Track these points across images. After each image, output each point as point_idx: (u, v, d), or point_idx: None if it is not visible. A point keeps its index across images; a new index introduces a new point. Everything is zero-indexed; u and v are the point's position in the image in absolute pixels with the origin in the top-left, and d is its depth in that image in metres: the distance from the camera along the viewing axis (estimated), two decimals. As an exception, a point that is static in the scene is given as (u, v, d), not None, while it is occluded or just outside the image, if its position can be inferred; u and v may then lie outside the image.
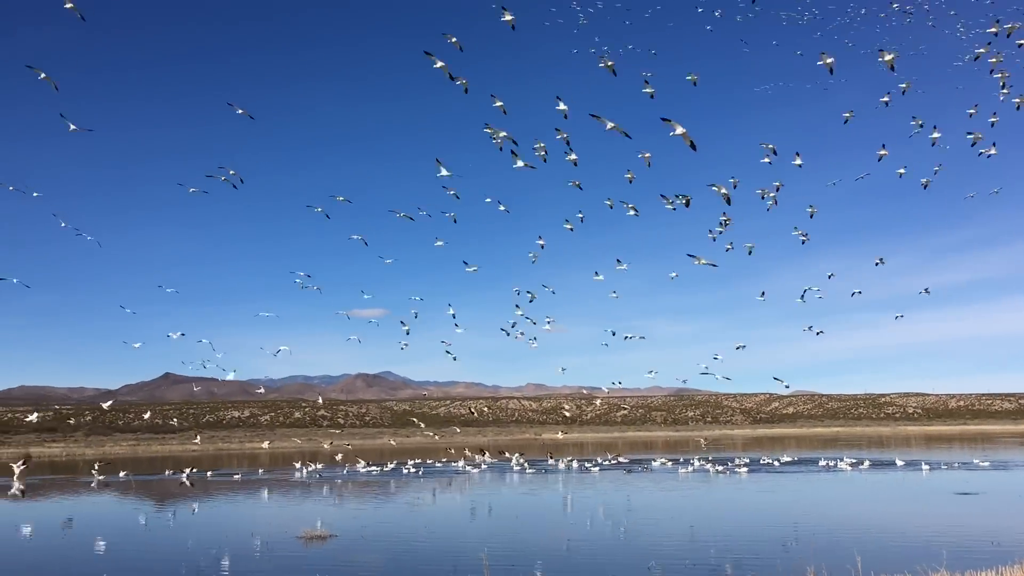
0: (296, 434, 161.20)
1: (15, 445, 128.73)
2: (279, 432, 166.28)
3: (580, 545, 24.48)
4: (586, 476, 53.14)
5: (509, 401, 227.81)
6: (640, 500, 37.82)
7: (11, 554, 25.70)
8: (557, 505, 37.00)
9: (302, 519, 30.68)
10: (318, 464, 63.66)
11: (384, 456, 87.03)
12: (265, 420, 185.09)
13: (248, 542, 25.90)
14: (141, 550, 25.37)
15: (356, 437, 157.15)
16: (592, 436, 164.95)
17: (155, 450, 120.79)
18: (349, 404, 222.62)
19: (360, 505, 38.29)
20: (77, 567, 22.72)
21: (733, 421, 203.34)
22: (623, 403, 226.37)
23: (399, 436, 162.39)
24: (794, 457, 67.60)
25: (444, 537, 26.75)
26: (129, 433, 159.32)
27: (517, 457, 66.43)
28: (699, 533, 26.39)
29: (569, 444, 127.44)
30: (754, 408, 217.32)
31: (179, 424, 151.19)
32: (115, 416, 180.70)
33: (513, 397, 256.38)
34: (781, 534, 25.80)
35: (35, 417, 75.06)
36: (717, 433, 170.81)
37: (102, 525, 32.77)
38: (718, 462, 59.95)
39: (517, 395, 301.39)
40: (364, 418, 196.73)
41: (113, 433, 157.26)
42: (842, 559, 19.19)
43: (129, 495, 46.48)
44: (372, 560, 22.03)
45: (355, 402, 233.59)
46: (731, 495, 39.65)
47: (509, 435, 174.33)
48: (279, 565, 21.71)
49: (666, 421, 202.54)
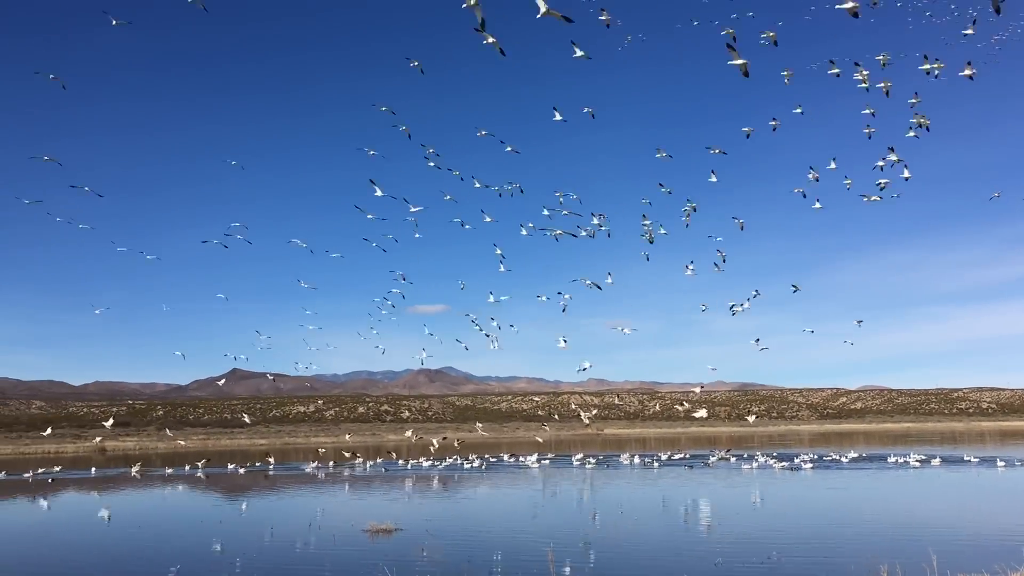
0: (360, 429, 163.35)
1: (92, 439, 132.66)
2: (343, 427, 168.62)
3: (644, 540, 24.26)
4: (649, 471, 52.74)
5: (571, 396, 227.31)
6: (703, 496, 37.40)
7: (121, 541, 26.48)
8: (619, 499, 36.74)
9: (367, 512, 31.00)
10: (378, 459, 64.42)
11: (446, 450, 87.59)
12: (330, 415, 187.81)
13: (315, 535, 26.28)
14: (212, 541, 25.90)
15: (419, 432, 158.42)
16: (655, 432, 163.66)
17: (224, 444, 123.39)
18: (412, 399, 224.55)
19: (424, 499, 38.55)
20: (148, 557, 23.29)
21: (799, 416, 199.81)
22: (687, 398, 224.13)
23: (461, 431, 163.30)
24: (862, 453, 66.15)
25: (508, 531, 26.78)
26: (199, 427, 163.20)
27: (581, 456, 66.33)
28: (766, 530, 25.96)
29: (632, 440, 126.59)
30: (820, 403, 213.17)
31: (247, 419, 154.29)
32: (185, 411, 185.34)
33: (575, 392, 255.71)
34: (851, 532, 25.24)
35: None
36: (782, 429, 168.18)
37: (175, 517, 33.65)
38: (783, 458, 58.99)
39: (579, 390, 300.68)
40: (426, 413, 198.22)
41: (184, 427, 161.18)
42: (916, 558, 18.67)
43: (207, 487, 47.57)
44: (437, 553, 22.14)
45: (417, 397, 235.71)
46: (798, 492, 38.96)
47: (571, 430, 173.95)
48: (347, 558, 21.96)
49: (730, 416, 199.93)
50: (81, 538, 27.81)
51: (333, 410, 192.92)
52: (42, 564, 22.90)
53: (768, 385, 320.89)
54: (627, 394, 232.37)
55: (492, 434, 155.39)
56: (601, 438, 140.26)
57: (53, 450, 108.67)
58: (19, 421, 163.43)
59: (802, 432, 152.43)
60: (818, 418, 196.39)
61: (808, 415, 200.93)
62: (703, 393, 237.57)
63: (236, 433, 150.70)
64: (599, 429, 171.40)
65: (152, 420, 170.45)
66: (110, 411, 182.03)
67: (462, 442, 76.15)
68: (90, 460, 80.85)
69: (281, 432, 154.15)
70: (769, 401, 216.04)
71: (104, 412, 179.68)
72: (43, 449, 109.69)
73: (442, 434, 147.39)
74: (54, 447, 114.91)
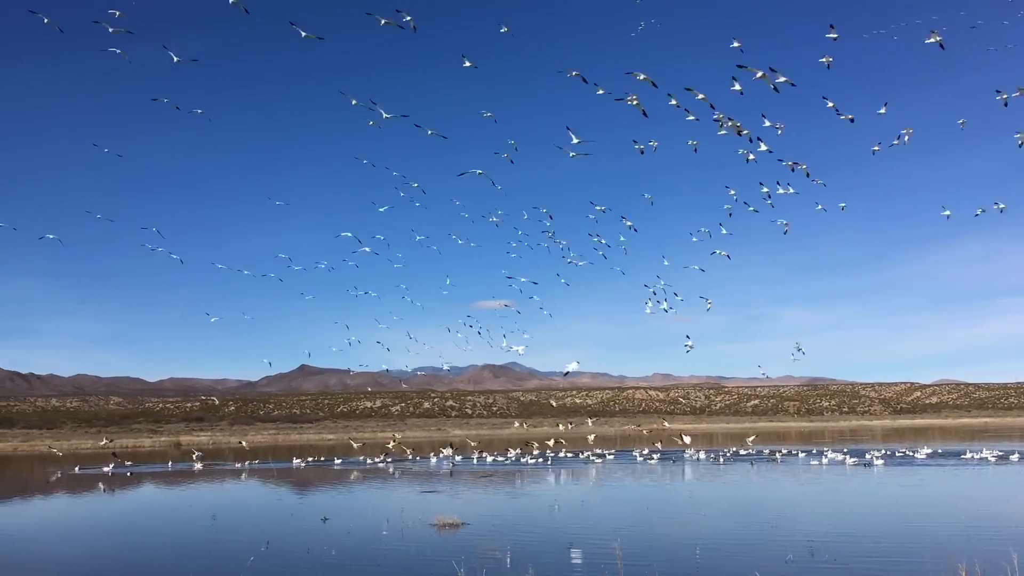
0: (426, 424, 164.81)
1: (167, 434, 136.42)
2: (409, 422, 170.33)
3: (713, 536, 23.91)
4: (714, 467, 52.05)
5: (635, 391, 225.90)
6: (772, 492, 36.75)
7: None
8: (686, 496, 36.32)
9: (435, 507, 31.18)
10: (445, 452, 64.76)
11: (512, 445, 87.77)
12: (396, 410, 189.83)
13: (383, 529, 26.49)
14: (284, 534, 26.32)
15: (484, 427, 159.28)
16: (721, 427, 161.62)
17: (293, 439, 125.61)
18: (476, 394, 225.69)
19: (490, 494, 38.64)
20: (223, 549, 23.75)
21: (871, 411, 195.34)
22: (755, 392, 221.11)
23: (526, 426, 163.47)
24: (937, 449, 64.27)
25: (575, 527, 26.66)
26: (269, 423, 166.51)
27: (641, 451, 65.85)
28: (837, 527, 25.40)
29: (698, 435, 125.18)
30: (894, 398, 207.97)
31: (314, 414, 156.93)
32: (256, 406, 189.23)
33: (639, 387, 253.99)
34: (926, 529, 24.56)
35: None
36: (854, 424, 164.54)
37: (247, 511, 34.38)
38: (853, 454, 57.66)
39: (644, 385, 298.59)
40: (491, 408, 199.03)
41: (255, 423, 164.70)
42: (996, 556, 18.05)
43: (277, 481, 48.46)
44: (505, 548, 22.15)
45: (482, 392, 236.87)
46: (869, 488, 38.05)
47: (636, 425, 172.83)
48: (415, 552, 22.13)
49: (799, 411, 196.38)
50: (159, 528, 28.53)
51: (399, 406, 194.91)
52: (124, 553, 23.54)
53: (839, 379, 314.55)
54: (693, 389, 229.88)
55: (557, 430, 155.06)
56: (667, 433, 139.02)
57: (131, 444, 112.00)
58: (98, 416, 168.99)
59: (875, 428, 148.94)
60: (891, 413, 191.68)
61: (881, 410, 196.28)
62: (771, 388, 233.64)
63: (305, 428, 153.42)
64: (663, 424, 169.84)
65: (224, 416, 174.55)
66: (184, 407, 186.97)
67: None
68: (165, 454, 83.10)
69: (348, 427, 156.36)
70: (840, 396, 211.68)
71: (178, 408, 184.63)
72: (121, 444, 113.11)
73: (508, 428, 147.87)
74: (131, 441, 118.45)
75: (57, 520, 33.60)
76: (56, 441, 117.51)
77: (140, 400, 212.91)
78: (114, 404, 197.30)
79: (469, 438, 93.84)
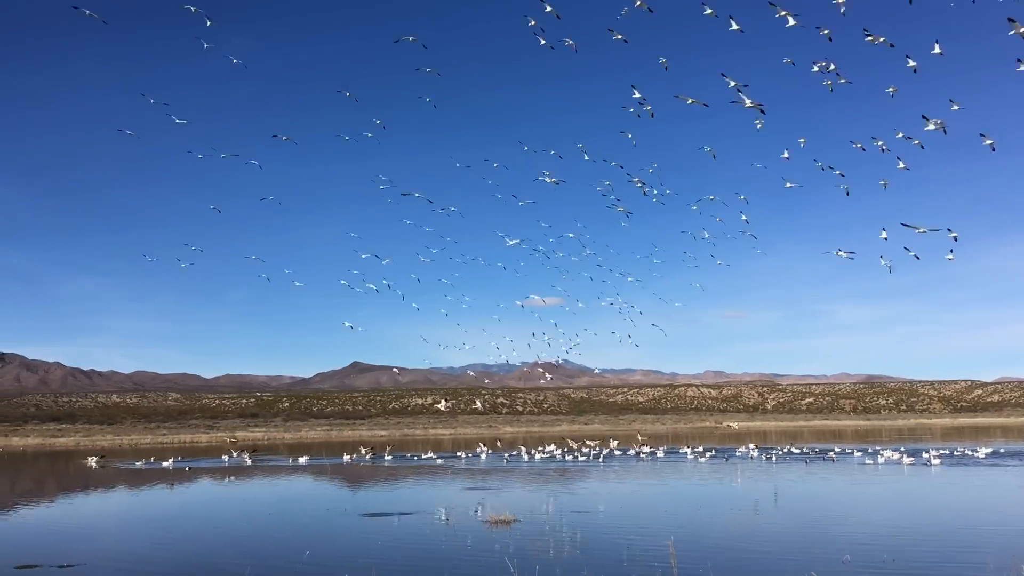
0: (477, 421, 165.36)
1: (223, 429, 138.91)
2: (460, 419, 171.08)
3: (766, 535, 23.63)
4: (767, 465, 51.39)
5: (687, 388, 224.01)
6: (827, 491, 36.17)
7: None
8: (740, 494, 35.90)
9: (486, 503, 31.30)
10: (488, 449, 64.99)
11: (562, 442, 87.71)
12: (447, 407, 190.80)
13: (435, 525, 26.65)
14: (338, 529, 26.62)
15: (535, 424, 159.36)
16: (775, 425, 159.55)
17: (346, 435, 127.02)
18: (527, 391, 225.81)
19: (540, 491, 38.63)
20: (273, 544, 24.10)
21: (930, 410, 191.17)
22: (809, 390, 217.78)
23: (576, 423, 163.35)
24: (998, 448, 62.66)
25: (627, 524, 26.52)
26: (323, 419, 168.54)
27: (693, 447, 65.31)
28: (894, 526, 24.91)
29: (751, 433, 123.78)
30: (954, 396, 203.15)
31: (366, 411, 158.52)
32: (309, 403, 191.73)
33: (692, 384, 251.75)
34: (987, 529, 24.00)
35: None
36: (912, 423, 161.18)
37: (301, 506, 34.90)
38: (910, 453, 56.51)
39: (696, 382, 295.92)
40: (542, 405, 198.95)
41: (308, 419, 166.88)
42: (1061, 559, 17.48)
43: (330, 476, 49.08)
44: (557, 545, 22.13)
45: (533, 389, 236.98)
46: (928, 487, 37.23)
47: (688, 423, 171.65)
48: (468, 548, 22.21)
49: (855, 410, 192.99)
50: (216, 522, 29.02)
51: (450, 402, 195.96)
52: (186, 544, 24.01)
53: (896, 377, 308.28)
54: (746, 387, 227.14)
55: (608, 427, 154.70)
56: (720, 431, 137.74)
57: (188, 440, 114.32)
58: (157, 412, 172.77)
59: (934, 426, 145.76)
60: (951, 411, 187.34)
61: (940, 408, 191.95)
62: (826, 386, 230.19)
63: (357, 424, 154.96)
64: (717, 422, 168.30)
65: (279, 412, 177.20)
66: (239, 403, 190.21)
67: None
68: (221, 449, 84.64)
69: (400, 424, 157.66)
70: (898, 394, 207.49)
71: (234, 404, 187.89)
72: (179, 439, 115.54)
73: (559, 426, 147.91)
74: (189, 437, 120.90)
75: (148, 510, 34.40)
76: (116, 436, 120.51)
77: (197, 396, 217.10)
78: (172, 400, 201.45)
79: (519, 435, 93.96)
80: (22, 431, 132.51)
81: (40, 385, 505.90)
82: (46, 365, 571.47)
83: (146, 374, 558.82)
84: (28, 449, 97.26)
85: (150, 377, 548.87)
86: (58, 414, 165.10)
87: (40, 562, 20.97)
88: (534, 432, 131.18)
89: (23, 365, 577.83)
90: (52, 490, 45.76)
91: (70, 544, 24.50)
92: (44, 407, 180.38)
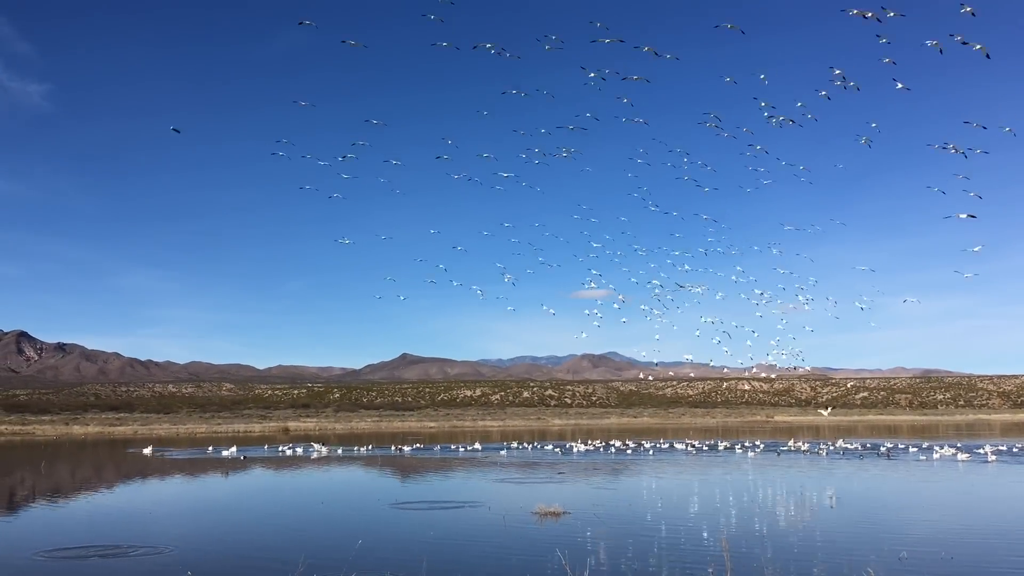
0: (525, 413, 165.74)
1: (276, 419, 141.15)
2: (508, 411, 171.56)
3: (821, 532, 23.29)
4: (818, 459, 50.75)
5: (739, 382, 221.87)
6: (881, 487, 35.60)
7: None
8: (791, 489, 35.52)
9: (535, 495, 31.40)
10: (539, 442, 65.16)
11: (610, 435, 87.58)
12: (495, 399, 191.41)
13: (484, 517, 26.80)
14: (391, 520, 26.96)
15: (584, 417, 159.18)
16: (827, 419, 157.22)
17: (396, 426, 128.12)
18: (576, 384, 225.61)
19: (591, 484, 38.63)
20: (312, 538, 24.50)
21: (989, 405, 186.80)
22: (863, 384, 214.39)
23: (626, 416, 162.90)
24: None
25: (678, 517, 26.35)
26: (372, 410, 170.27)
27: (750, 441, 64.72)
28: (951, 523, 24.44)
29: (804, 427, 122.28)
30: (1014, 391, 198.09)
31: (415, 402, 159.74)
32: (359, 394, 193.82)
33: (743, 378, 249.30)
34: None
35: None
36: (970, 418, 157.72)
37: (353, 497, 35.39)
38: (966, 449, 55.37)
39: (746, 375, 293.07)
40: (590, 398, 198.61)
41: (359, 410, 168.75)
42: None
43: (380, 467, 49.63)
44: (607, 538, 22.08)
45: (581, 382, 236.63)
46: (986, 485, 36.37)
47: (739, 417, 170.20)
48: (517, 540, 22.25)
49: (911, 404, 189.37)
50: (273, 511, 29.58)
51: (499, 394, 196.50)
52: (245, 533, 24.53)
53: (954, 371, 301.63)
54: (799, 380, 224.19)
55: (658, 420, 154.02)
56: (771, 425, 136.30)
57: (242, 429, 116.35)
58: (212, 402, 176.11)
59: (993, 422, 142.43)
60: (1011, 407, 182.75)
61: (1000, 403, 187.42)
62: (881, 380, 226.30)
63: (407, 416, 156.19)
64: (768, 416, 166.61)
65: (330, 403, 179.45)
66: (291, 394, 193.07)
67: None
68: (275, 439, 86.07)
69: (449, 415, 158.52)
70: (955, 388, 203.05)
71: (286, 395, 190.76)
72: (233, 429, 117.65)
73: (608, 419, 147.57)
74: (243, 426, 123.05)
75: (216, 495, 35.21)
76: (172, 425, 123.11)
77: (250, 387, 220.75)
78: (226, 391, 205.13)
79: (567, 428, 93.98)
80: (82, 420, 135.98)
81: (99, 375, 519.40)
82: (105, 355, 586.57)
83: (201, 364, 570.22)
84: (88, 437, 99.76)
85: (205, 367, 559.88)
86: (116, 403, 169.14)
87: (121, 543, 21.64)
88: (583, 425, 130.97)
89: (83, 355, 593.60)
90: (125, 475, 46.88)
91: (146, 528, 25.12)
92: (103, 396, 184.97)
